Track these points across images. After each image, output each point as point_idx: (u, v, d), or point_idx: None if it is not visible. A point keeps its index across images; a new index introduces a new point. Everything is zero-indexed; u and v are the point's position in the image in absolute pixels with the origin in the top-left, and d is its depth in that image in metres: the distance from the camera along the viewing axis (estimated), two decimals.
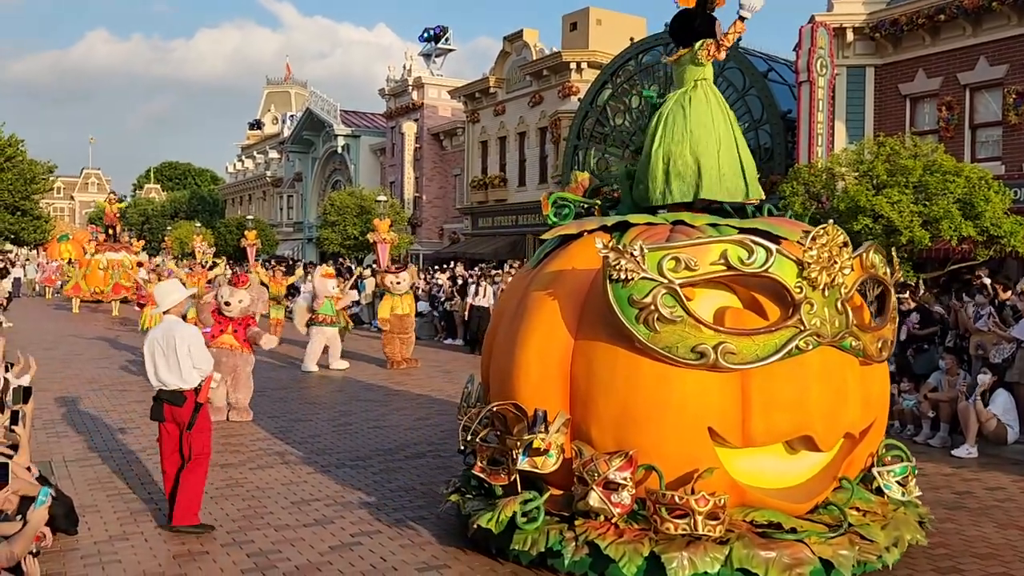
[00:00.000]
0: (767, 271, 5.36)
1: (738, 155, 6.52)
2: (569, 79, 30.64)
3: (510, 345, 6.08)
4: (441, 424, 10.91)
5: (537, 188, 32.26)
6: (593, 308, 5.69)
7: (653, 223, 6.31)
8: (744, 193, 6.52)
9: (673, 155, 6.43)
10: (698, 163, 6.38)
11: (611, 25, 31.41)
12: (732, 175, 6.48)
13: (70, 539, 6.34)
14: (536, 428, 5.56)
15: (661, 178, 6.50)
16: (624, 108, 27.35)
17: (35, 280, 39.91)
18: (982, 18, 18.74)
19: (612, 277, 5.31)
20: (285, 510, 7.23)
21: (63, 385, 13.28)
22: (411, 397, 13.04)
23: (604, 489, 5.38)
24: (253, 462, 8.88)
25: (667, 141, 6.48)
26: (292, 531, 6.68)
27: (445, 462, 8.91)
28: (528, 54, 32.95)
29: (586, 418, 5.66)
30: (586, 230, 6.42)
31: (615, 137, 27.58)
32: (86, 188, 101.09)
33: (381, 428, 10.69)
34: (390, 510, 7.24)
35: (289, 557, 6.13)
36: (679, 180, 6.44)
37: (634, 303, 5.29)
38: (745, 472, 5.69)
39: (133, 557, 6.10)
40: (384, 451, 9.42)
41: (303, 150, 52.71)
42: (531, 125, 33.11)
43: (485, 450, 5.93)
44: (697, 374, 5.37)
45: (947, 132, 19.34)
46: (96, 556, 6.09)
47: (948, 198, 14.20)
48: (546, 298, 5.99)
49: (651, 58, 26.24)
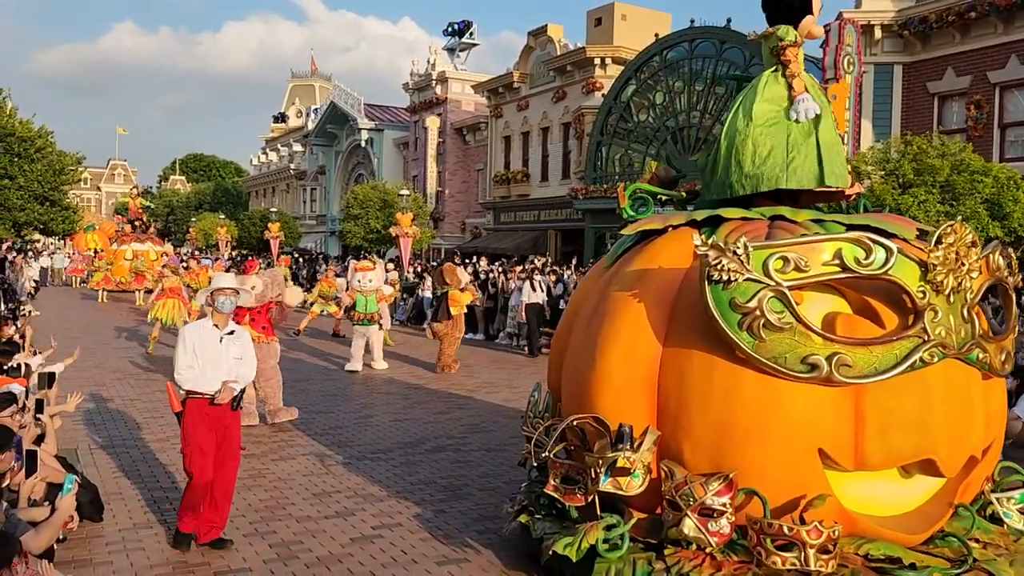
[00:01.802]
0: (887, 273, 4.74)
1: (816, 140, 5.77)
2: (593, 75, 30.55)
3: (588, 351, 5.50)
4: (461, 418, 10.95)
5: (559, 184, 32.23)
6: (685, 312, 5.13)
7: (748, 218, 5.65)
8: (818, 179, 5.77)
9: (737, 141, 5.85)
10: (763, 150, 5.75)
11: (636, 21, 31.26)
12: (803, 162, 5.78)
13: (95, 526, 6.44)
14: (621, 445, 4.98)
15: (722, 168, 5.92)
16: (648, 104, 27.24)
17: (62, 269, 40.44)
18: (1014, 16, 18.48)
19: (712, 278, 4.73)
20: (307, 501, 7.29)
21: (88, 374, 13.44)
22: (431, 391, 13.09)
23: (700, 516, 4.80)
24: (275, 453, 8.95)
25: (732, 127, 5.92)
26: (314, 522, 6.74)
27: (465, 456, 8.94)
28: (552, 49, 32.88)
29: (677, 435, 5.04)
30: (671, 225, 5.80)
31: (639, 133, 27.47)
32: (112, 179, 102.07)
33: (402, 421, 10.74)
34: (411, 503, 7.28)
35: (311, 548, 6.19)
36: (737, 170, 5.82)
37: (737, 307, 4.72)
38: (854, 498, 5.06)
39: (156, 545, 6.18)
40: (405, 444, 9.47)
41: (327, 143, 52.96)
42: (554, 121, 33.05)
43: (559, 467, 5.37)
44: (807, 388, 4.75)
45: (975, 131, 19.11)
46: (121, 543, 6.18)
47: (976, 198, 14.05)
48: (630, 300, 5.39)
49: (676, 54, 26.10)
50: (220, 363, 6.09)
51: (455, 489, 7.73)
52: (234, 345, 6.22)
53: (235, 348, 6.22)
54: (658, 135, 26.82)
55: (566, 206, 30.63)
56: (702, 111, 25.42)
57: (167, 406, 11.25)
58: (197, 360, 6.04)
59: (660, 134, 26.76)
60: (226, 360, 6.13)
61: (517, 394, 12.86)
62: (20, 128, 31.39)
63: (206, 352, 6.07)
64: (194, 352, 6.06)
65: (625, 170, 28.08)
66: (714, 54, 24.84)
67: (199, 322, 6.34)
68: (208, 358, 6.06)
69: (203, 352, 6.07)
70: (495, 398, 12.54)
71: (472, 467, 8.53)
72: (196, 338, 6.10)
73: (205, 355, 6.06)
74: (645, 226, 5.93)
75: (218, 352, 6.11)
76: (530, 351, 17.99)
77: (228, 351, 6.16)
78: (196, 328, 6.22)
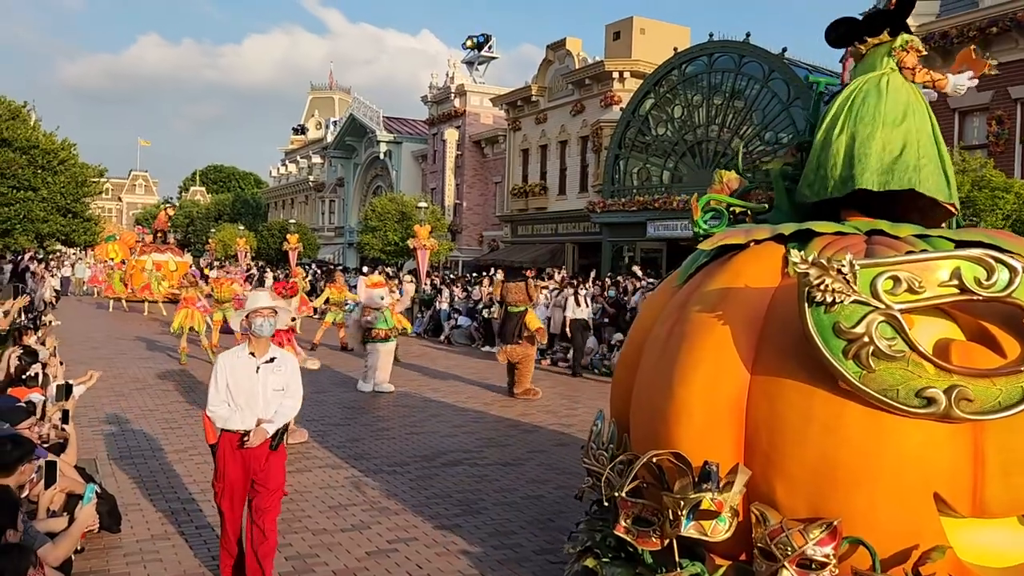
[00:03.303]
0: (1010, 296, 4.23)
1: (938, 151, 5.44)
2: (611, 88, 30.61)
3: (664, 379, 4.97)
4: (477, 432, 10.94)
5: (577, 197, 32.27)
6: (776, 336, 4.63)
7: (843, 232, 5.14)
8: (946, 193, 5.39)
9: (860, 136, 5.35)
10: (894, 148, 5.29)
11: (655, 34, 31.33)
12: (933, 168, 5.32)
13: (113, 537, 6.46)
14: (706, 485, 4.48)
15: (842, 164, 5.38)
16: (667, 118, 27.25)
17: (84, 279, 40.86)
18: None
19: (814, 299, 4.24)
20: (323, 514, 7.29)
21: (107, 384, 13.53)
22: (448, 404, 13.08)
23: (799, 567, 4.30)
24: (291, 465, 8.95)
25: (852, 124, 5.41)
26: (330, 535, 6.74)
27: (481, 471, 8.93)
28: (571, 63, 33.00)
29: (769, 474, 4.50)
30: (755, 239, 5.28)
31: (657, 147, 27.48)
32: (133, 189, 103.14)
33: (418, 434, 10.75)
34: (427, 517, 7.28)
35: (327, 562, 6.19)
36: (861, 164, 5.30)
37: (841, 333, 4.22)
38: (968, 547, 4.53)
39: (174, 556, 6.20)
40: (421, 457, 9.47)
41: (345, 155, 53.32)
42: (572, 134, 33.12)
43: (630, 506, 4.85)
44: (922, 425, 4.23)
45: (997, 147, 18.98)
46: (138, 554, 6.20)
47: (997, 215, 13.94)
48: (712, 322, 4.87)
49: (695, 68, 26.13)
50: (256, 397, 5.41)
51: (471, 503, 7.72)
52: (274, 375, 5.51)
53: (276, 378, 5.52)
54: (676, 148, 26.81)
55: (583, 219, 30.65)
56: (721, 125, 25.40)
57: (185, 417, 11.41)
58: (230, 395, 5.42)
59: (679, 148, 26.75)
60: (264, 393, 5.44)
61: (533, 408, 12.84)
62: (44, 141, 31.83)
63: (239, 385, 5.41)
64: (227, 387, 5.43)
65: (643, 183, 28.09)
66: (733, 68, 24.84)
67: (233, 351, 5.62)
68: (241, 392, 5.40)
69: (236, 386, 5.41)
70: (511, 412, 12.52)
71: (488, 481, 8.52)
72: (228, 370, 5.46)
73: (238, 389, 5.41)
74: (726, 240, 5.36)
75: (253, 385, 5.42)
76: (574, 371, 16.88)
77: (267, 382, 5.46)
78: (229, 358, 5.54)
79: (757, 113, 24.35)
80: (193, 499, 7.55)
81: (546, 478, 8.71)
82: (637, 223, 26.69)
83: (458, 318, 23.69)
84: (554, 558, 6.37)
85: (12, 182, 29.60)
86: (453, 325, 23.24)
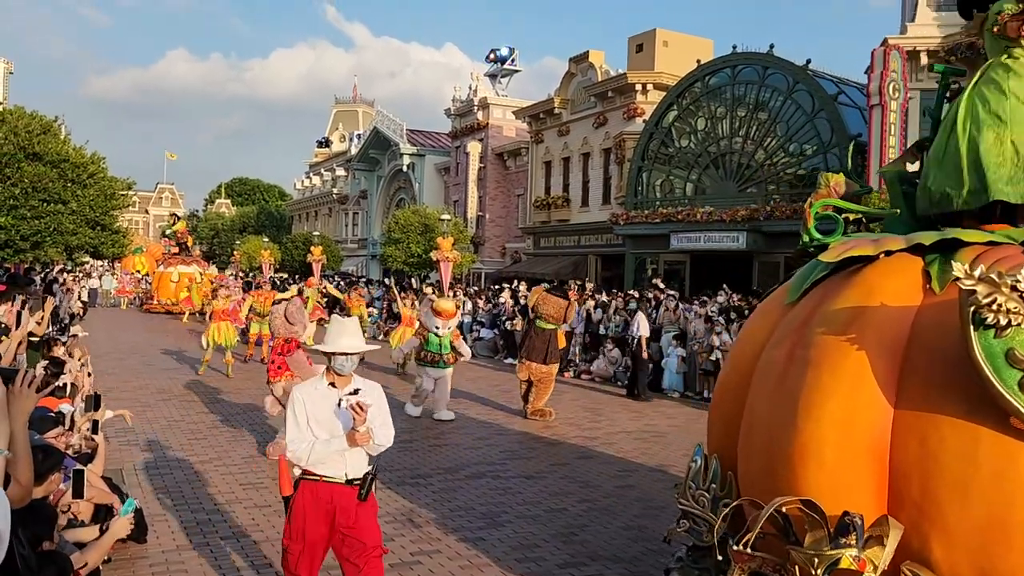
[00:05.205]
0: None
1: None
2: (634, 101, 30.61)
3: (785, 412, 4.26)
4: (500, 444, 10.94)
5: (600, 209, 32.24)
6: (924, 363, 3.97)
7: (996, 243, 4.42)
8: None
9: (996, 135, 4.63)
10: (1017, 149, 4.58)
11: (677, 47, 31.32)
12: None
13: (139, 547, 6.50)
14: (845, 539, 3.84)
15: (968, 172, 4.66)
16: (690, 130, 27.21)
17: (111, 290, 41.42)
18: None
19: (983, 321, 3.60)
20: None
21: (134, 395, 13.66)
22: (470, 417, 13.08)
23: None
24: None
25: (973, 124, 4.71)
26: None
27: (504, 484, 8.91)
28: (594, 75, 33.04)
29: (923, 528, 3.83)
30: (886, 251, 4.54)
31: (680, 159, 27.43)
32: (160, 202, 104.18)
33: (442, 447, 10.75)
34: (450, 529, 7.27)
35: None
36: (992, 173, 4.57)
37: (1017, 362, 3.57)
38: None
39: (199, 567, 6.22)
40: (445, 470, 9.47)
41: (369, 168, 53.63)
42: (595, 146, 33.14)
43: (747, 559, 4.18)
44: None
45: None
46: (164, 565, 6.24)
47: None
48: (844, 346, 4.17)
49: (718, 80, 26.09)
50: (339, 434, 4.67)
51: (494, 516, 7.71)
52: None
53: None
54: (700, 160, 26.74)
55: (606, 231, 30.61)
56: (745, 137, 25.32)
57: (210, 428, 11.47)
58: (311, 432, 4.69)
59: (702, 160, 26.68)
60: (348, 428, 4.67)
61: (555, 421, 12.81)
62: (74, 154, 32.32)
63: (319, 423, 4.70)
64: (307, 423, 4.71)
65: (666, 196, 28.03)
66: (757, 80, 24.78)
67: (310, 382, 4.95)
68: (323, 429, 4.69)
69: (316, 423, 4.70)
70: (534, 425, 12.50)
71: (511, 494, 8.50)
72: (308, 404, 4.74)
73: (319, 426, 4.69)
74: (854, 251, 4.56)
75: (335, 420, 4.70)
76: (638, 393, 15.58)
77: (351, 417, 4.63)
78: (307, 390, 4.83)
79: (781, 125, 24.26)
80: (218, 510, 7.59)
81: (569, 491, 8.68)
82: (660, 235, 26.64)
83: (481, 330, 23.72)
84: (577, 572, 6.34)
85: (43, 195, 30.06)
86: (476, 337, 23.27)
